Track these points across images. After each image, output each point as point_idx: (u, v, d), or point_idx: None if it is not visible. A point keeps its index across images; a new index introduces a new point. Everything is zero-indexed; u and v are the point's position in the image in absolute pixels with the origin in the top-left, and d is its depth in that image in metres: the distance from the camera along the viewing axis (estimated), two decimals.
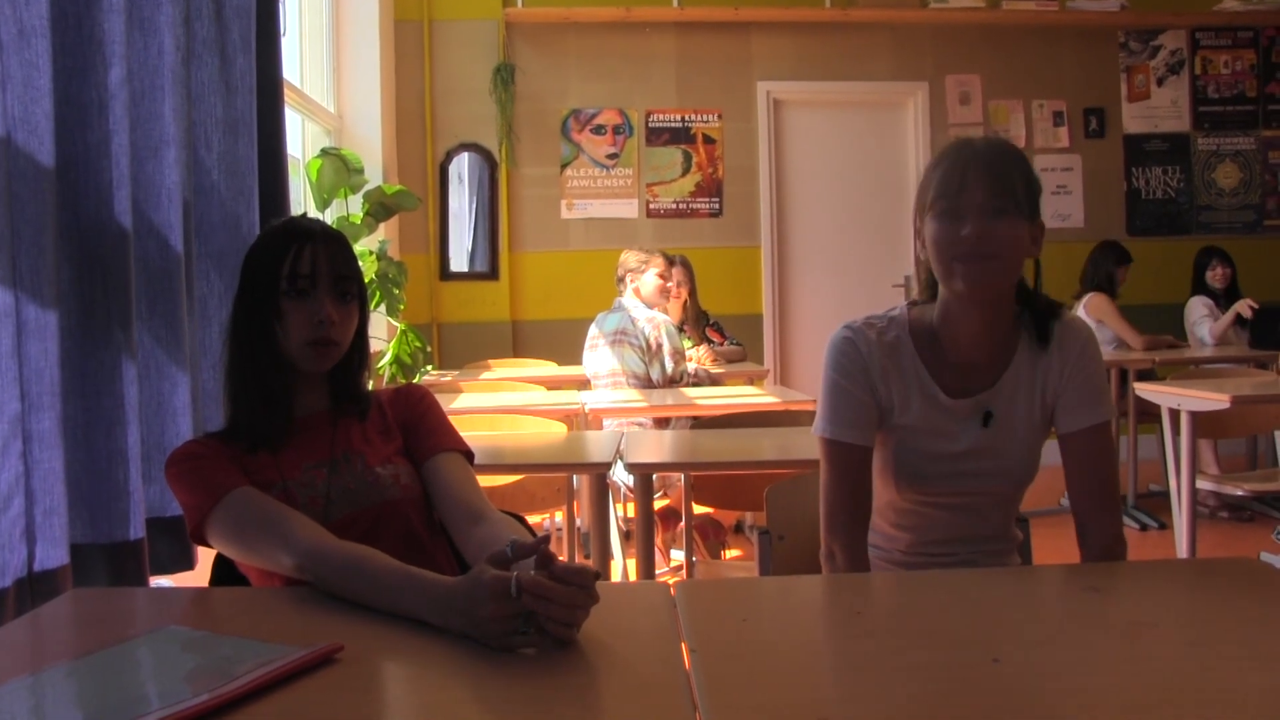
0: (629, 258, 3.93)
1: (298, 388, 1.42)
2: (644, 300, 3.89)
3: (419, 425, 1.49)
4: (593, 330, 3.92)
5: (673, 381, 3.78)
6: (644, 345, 3.76)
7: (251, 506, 1.28)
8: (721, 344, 4.66)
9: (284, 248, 1.37)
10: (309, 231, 1.39)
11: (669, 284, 3.99)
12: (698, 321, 4.65)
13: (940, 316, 1.45)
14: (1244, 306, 4.81)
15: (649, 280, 3.88)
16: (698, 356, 4.27)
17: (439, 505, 1.41)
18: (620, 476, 3.25)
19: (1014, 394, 1.44)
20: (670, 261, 4.10)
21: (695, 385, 3.89)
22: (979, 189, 1.35)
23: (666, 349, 3.78)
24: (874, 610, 1.19)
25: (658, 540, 3.43)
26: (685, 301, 4.55)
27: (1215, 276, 5.02)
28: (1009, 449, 1.45)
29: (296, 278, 1.36)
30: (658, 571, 2.91)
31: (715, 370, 4.29)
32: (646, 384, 3.76)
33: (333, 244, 1.40)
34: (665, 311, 4.11)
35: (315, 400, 1.44)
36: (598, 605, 0.99)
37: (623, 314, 3.84)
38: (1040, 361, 1.44)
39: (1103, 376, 1.45)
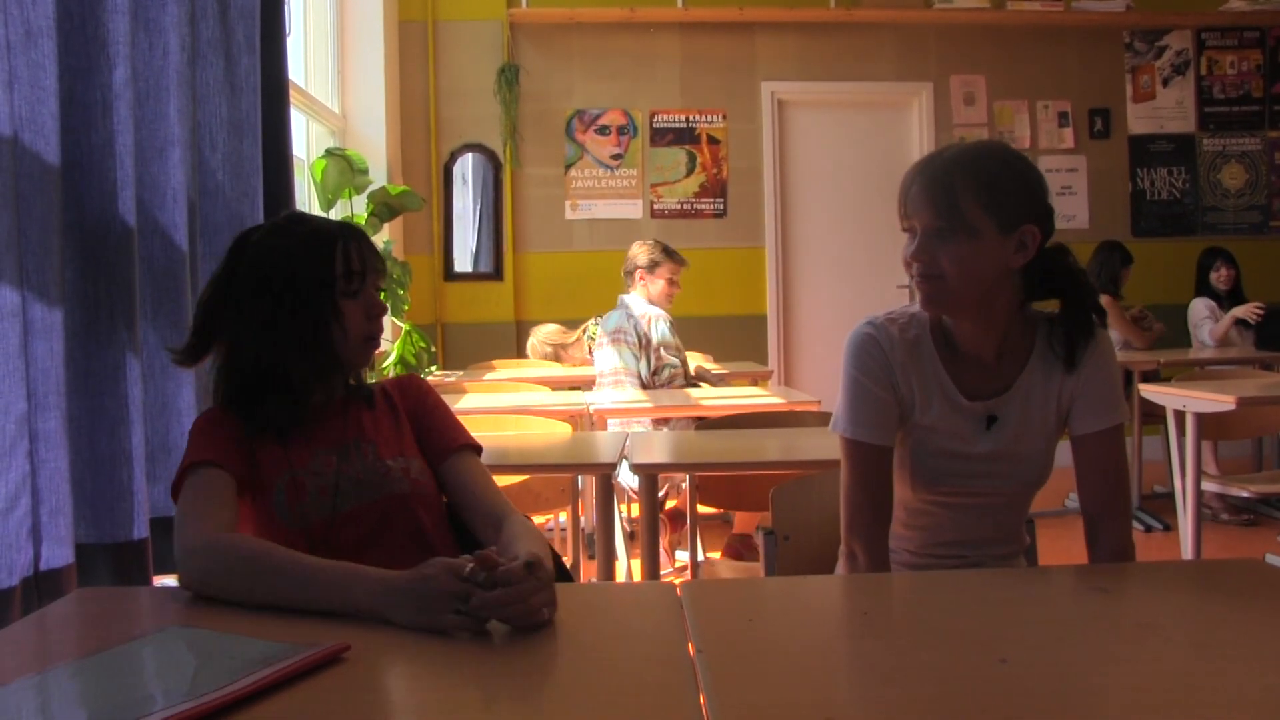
0: (639, 254, 3.94)
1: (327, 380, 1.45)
2: (649, 298, 3.90)
3: (428, 419, 1.49)
4: (598, 329, 3.95)
5: (654, 374, 3.79)
6: (638, 341, 3.78)
7: (204, 486, 1.28)
8: None
9: (330, 246, 1.39)
10: (350, 229, 1.43)
11: (677, 290, 3.99)
12: None
13: (949, 320, 1.45)
14: (1248, 312, 4.78)
15: (658, 284, 3.91)
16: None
17: (462, 508, 1.43)
18: (625, 480, 3.25)
19: (1028, 399, 1.43)
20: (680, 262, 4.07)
21: (697, 385, 3.90)
22: (920, 210, 1.35)
23: (654, 343, 3.80)
24: (881, 611, 1.19)
25: (663, 541, 3.43)
26: None
27: (1219, 278, 5.00)
28: (1022, 452, 1.44)
29: (351, 275, 1.39)
30: (662, 572, 2.91)
31: (717, 370, 4.28)
32: (644, 380, 3.78)
33: (367, 239, 1.44)
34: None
35: (331, 388, 1.46)
36: (605, 606, 0.99)
37: (621, 311, 3.87)
38: (1056, 366, 1.43)
39: (1118, 380, 1.44)
